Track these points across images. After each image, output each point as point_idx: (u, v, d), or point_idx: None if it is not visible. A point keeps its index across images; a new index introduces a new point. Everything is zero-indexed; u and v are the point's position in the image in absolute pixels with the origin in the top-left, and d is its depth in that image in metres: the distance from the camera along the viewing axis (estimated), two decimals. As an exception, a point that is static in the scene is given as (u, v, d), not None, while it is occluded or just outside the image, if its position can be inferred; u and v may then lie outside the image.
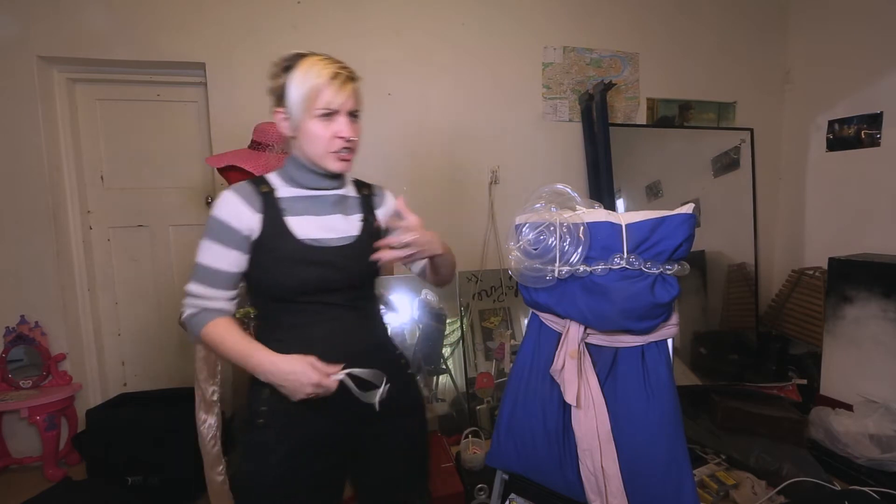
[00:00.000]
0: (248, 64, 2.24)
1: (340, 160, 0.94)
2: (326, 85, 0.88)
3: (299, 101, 0.89)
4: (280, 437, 0.91)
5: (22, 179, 2.12)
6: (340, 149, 0.92)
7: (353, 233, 0.98)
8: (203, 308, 0.91)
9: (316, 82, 0.88)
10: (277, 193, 0.95)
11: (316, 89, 0.88)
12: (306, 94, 0.88)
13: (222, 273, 0.91)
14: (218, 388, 1.60)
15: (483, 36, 2.52)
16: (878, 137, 2.48)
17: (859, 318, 2.17)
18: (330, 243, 0.94)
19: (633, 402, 1.01)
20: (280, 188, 0.96)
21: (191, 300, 0.92)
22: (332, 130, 0.90)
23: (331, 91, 0.88)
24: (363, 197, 1.05)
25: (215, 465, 1.61)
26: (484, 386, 2.32)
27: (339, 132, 0.91)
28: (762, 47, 2.92)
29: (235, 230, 0.90)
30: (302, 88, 0.88)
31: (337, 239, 0.96)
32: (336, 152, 0.92)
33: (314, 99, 0.88)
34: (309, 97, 0.88)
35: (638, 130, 2.74)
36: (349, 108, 0.91)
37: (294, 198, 0.96)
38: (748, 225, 2.86)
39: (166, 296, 2.44)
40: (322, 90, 0.88)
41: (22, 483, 2.05)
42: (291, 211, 0.94)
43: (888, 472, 1.85)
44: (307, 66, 0.89)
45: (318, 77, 0.88)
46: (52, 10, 2.08)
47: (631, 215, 1.02)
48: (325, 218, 0.97)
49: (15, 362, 2.18)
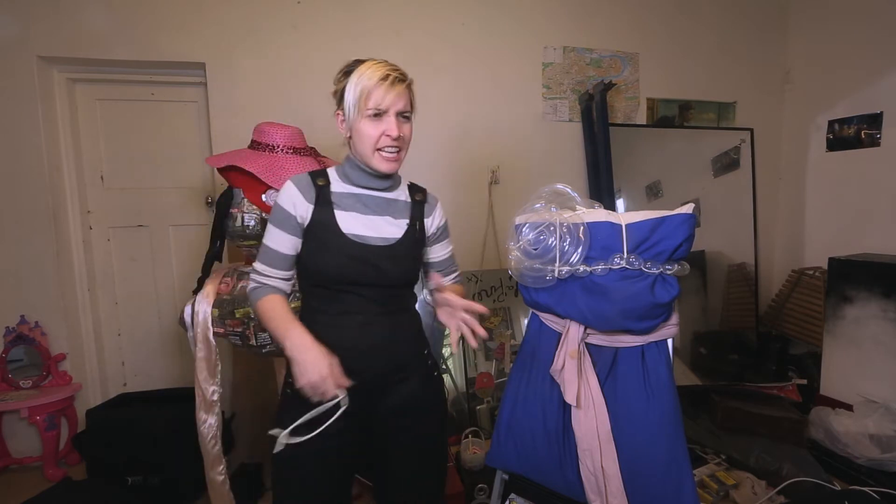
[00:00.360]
0: (248, 64, 2.24)
1: (387, 160, 0.99)
2: (377, 86, 0.93)
3: (353, 103, 0.95)
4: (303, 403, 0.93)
5: (22, 179, 2.12)
6: (386, 147, 0.97)
7: (397, 236, 1.03)
8: (263, 283, 1.01)
9: (367, 84, 0.94)
10: (332, 188, 1.02)
11: (367, 90, 0.94)
12: (359, 95, 0.94)
13: (279, 254, 1.00)
14: (218, 388, 1.60)
15: (483, 36, 2.52)
16: (878, 137, 2.48)
17: (859, 318, 2.17)
18: (371, 241, 1.00)
19: (633, 402, 1.01)
20: (335, 183, 1.03)
21: (254, 276, 1.02)
22: (380, 130, 0.96)
23: (380, 92, 0.94)
24: (415, 202, 1.10)
25: (215, 465, 1.61)
26: (484, 386, 2.32)
27: (386, 131, 0.96)
28: (762, 47, 2.92)
29: (291, 216, 0.98)
30: (356, 90, 0.94)
31: (379, 239, 1.01)
32: (382, 150, 0.97)
33: (365, 100, 0.94)
34: (361, 98, 0.94)
35: (638, 130, 2.74)
36: (398, 108, 0.96)
37: (346, 194, 1.02)
38: (748, 225, 2.86)
39: (166, 296, 2.44)
40: (373, 91, 0.94)
41: (22, 483, 2.05)
42: (341, 205, 1.00)
43: (888, 472, 1.85)
44: (362, 69, 0.95)
45: (369, 79, 0.94)
46: (52, 10, 2.08)
47: (631, 215, 1.02)
48: (372, 218, 1.02)
49: (15, 362, 2.18)
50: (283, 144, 1.59)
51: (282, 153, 1.59)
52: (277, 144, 1.59)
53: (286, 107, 2.23)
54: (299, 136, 1.64)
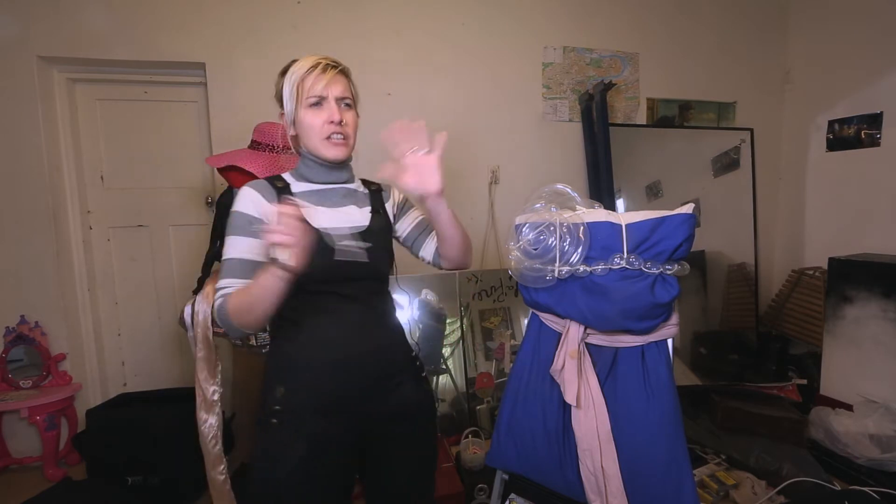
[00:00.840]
0: (248, 64, 2.24)
1: (334, 146, 0.97)
2: (308, 74, 0.94)
3: (289, 96, 0.95)
4: (293, 437, 0.92)
5: (22, 179, 2.12)
6: (332, 133, 0.95)
7: (365, 222, 1.02)
8: (225, 294, 0.89)
9: (300, 73, 0.94)
10: (292, 188, 1.00)
11: (300, 80, 0.94)
12: (294, 86, 0.94)
13: (247, 262, 0.91)
14: (218, 387, 1.60)
15: (483, 36, 2.52)
16: (878, 137, 2.48)
17: (859, 318, 2.17)
18: (343, 231, 0.98)
19: (633, 402, 1.01)
20: (294, 184, 1.01)
21: (219, 293, 0.90)
22: (322, 118, 0.95)
23: (312, 78, 0.94)
24: (372, 192, 1.09)
25: (216, 465, 1.61)
26: (484, 386, 2.32)
27: (329, 117, 0.95)
28: (762, 47, 2.92)
29: (255, 219, 0.93)
30: (290, 83, 0.95)
31: (349, 227, 0.99)
32: (329, 138, 0.96)
33: (299, 88, 0.94)
34: (295, 88, 0.94)
35: (638, 130, 2.74)
36: (336, 94, 0.95)
37: (307, 192, 1.00)
38: (748, 225, 2.86)
39: (166, 296, 2.44)
40: (305, 79, 0.94)
41: (22, 483, 2.05)
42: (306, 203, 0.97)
43: (888, 472, 1.85)
44: (295, 65, 0.96)
45: (301, 69, 0.94)
46: (52, 10, 2.08)
47: (631, 215, 1.02)
48: (339, 208, 1.01)
49: (15, 362, 2.18)
50: (284, 144, 1.59)
51: (282, 153, 1.59)
52: (277, 144, 1.59)
53: (286, 107, 2.23)
54: (299, 136, 1.64)
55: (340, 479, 0.99)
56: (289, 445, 0.91)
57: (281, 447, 0.92)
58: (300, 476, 0.91)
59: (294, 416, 0.93)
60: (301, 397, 0.93)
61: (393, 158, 0.96)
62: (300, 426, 0.92)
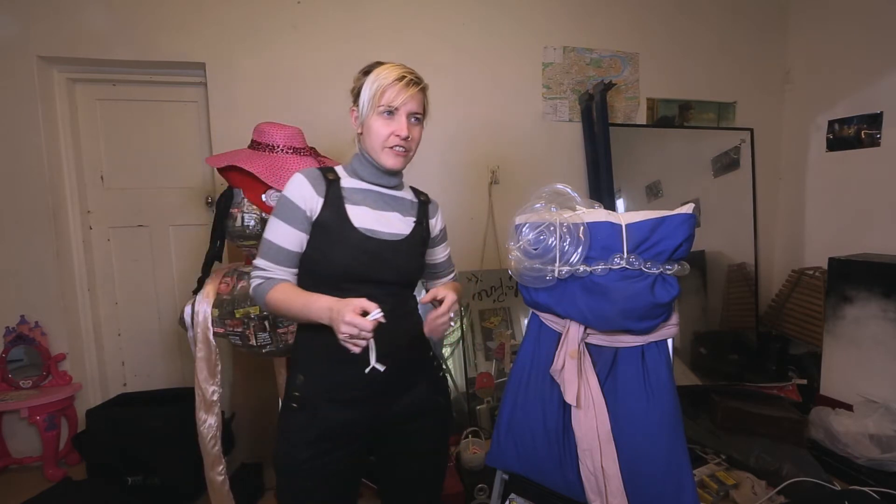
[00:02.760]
0: (248, 64, 2.24)
1: (395, 156, 1.00)
2: (391, 85, 0.96)
3: (367, 99, 0.98)
4: (310, 420, 0.97)
5: (22, 179, 2.12)
6: (395, 146, 0.99)
7: (405, 232, 1.05)
8: (268, 277, 0.98)
9: (383, 82, 0.96)
10: (342, 182, 1.02)
11: (382, 88, 0.96)
12: (373, 92, 0.97)
13: (284, 250, 0.97)
14: (218, 388, 1.60)
15: (483, 36, 2.52)
16: (878, 137, 2.48)
17: (859, 318, 2.17)
18: (382, 236, 1.01)
19: (633, 402, 1.01)
20: (344, 178, 1.03)
21: (256, 272, 0.99)
22: (390, 129, 0.98)
23: (394, 91, 0.96)
24: (420, 203, 1.13)
25: (215, 465, 1.61)
26: (484, 386, 2.32)
27: (396, 131, 0.98)
28: (762, 47, 2.92)
29: (300, 209, 0.97)
30: (371, 87, 0.97)
31: (389, 234, 1.02)
32: (391, 148, 0.99)
33: (379, 97, 0.97)
34: (375, 95, 0.97)
35: (638, 130, 2.74)
36: (410, 109, 0.99)
37: (356, 189, 1.03)
38: (748, 225, 2.86)
39: (166, 296, 2.44)
40: (387, 89, 0.96)
41: (22, 483, 2.05)
42: (351, 200, 1.01)
43: (888, 472, 1.86)
44: (381, 69, 0.98)
45: (385, 78, 0.97)
46: (52, 10, 2.08)
47: (631, 215, 1.02)
48: (383, 213, 1.04)
49: (15, 362, 2.18)
50: (283, 144, 1.59)
51: (282, 153, 1.59)
52: (277, 144, 1.59)
53: (286, 107, 2.23)
54: (299, 136, 1.64)
55: (348, 470, 1.02)
56: (304, 429, 0.97)
57: (298, 430, 0.97)
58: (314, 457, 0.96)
59: (311, 402, 0.98)
60: (317, 387, 0.98)
61: None
62: (315, 412, 0.97)
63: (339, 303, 0.85)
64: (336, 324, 0.83)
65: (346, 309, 0.82)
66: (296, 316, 0.94)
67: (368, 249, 0.97)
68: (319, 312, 0.88)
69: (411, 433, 1.06)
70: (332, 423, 0.97)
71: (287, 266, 0.99)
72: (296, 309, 0.92)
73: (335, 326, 0.84)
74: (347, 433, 0.99)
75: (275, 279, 0.97)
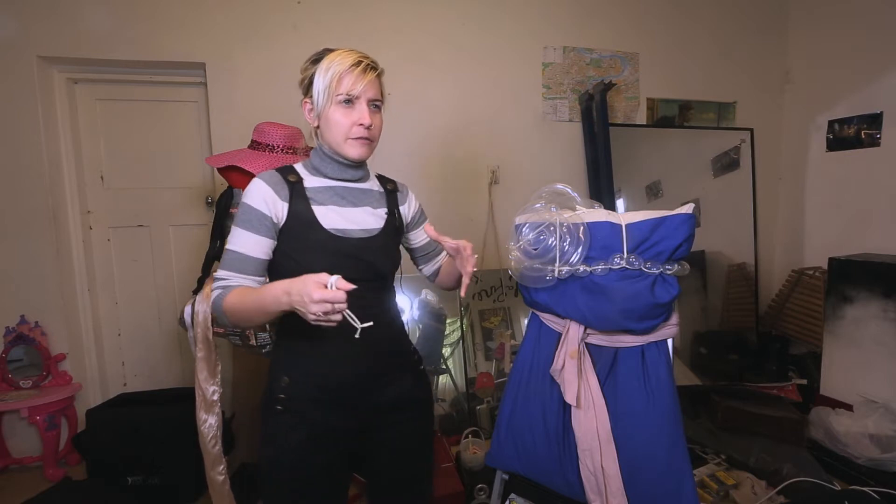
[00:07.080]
0: (248, 64, 2.24)
1: (360, 146, 0.96)
2: (348, 72, 0.91)
3: (323, 89, 0.92)
4: (296, 423, 0.95)
5: (22, 179, 2.12)
6: (359, 136, 0.94)
7: (378, 226, 1.02)
8: (225, 286, 0.90)
9: (338, 69, 0.91)
10: (305, 183, 0.97)
11: (338, 76, 0.91)
12: (329, 80, 0.91)
13: (249, 259, 0.92)
14: (218, 387, 1.60)
15: (483, 36, 2.52)
16: (878, 137, 2.48)
17: (859, 318, 2.17)
18: (354, 234, 0.97)
19: (633, 402, 1.01)
20: (307, 178, 0.99)
21: (217, 283, 0.91)
22: (352, 118, 0.93)
23: (352, 78, 0.91)
24: (388, 192, 1.08)
25: (216, 465, 1.61)
26: (484, 386, 2.32)
27: (358, 120, 0.93)
28: (762, 47, 2.92)
29: (265, 216, 0.92)
30: (326, 76, 0.92)
31: (361, 230, 0.99)
32: (355, 139, 0.95)
33: (336, 85, 0.91)
34: (331, 84, 0.91)
35: (638, 130, 2.74)
36: (369, 96, 0.94)
37: (320, 188, 0.98)
38: (748, 225, 2.86)
39: (166, 296, 2.44)
40: (344, 76, 0.91)
41: (22, 483, 2.05)
42: (317, 200, 0.97)
43: (888, 472, 1.85)
44: (333, 56, 0.93)
45: (340, 64, 0.91)
46: (52, 10, 2.08)
47: (631, 215, 1.02)
48: (351, 210, 1.00)
49: (15, 362, 2.18)
50: (283, 144, 1.59)
51: (281, 153, 1.59)
52: (277, 144, 1.59)
53: (286, 107, 2.22)
54: (299, 136, 1.65)
55: (337, 470, 1.00)
56: (291, 431, 0.94)
57: (284, 432, 0.95)
58: (300, 460, 0.94)
59: (297, 404, 0.95)
60: (304, 387, 0.95)
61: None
62: (303, 414, 0.95)
63: (296, 283, 0.76)
64: (303, 306, 0.75)
65: (310, 287, 0.74)
66: (254, 315, 0.85)
67: (342, 250, 0.94)
68: (277, 300, 0.79)
69: (395, 425, 1.04)
70: (319, 424, 0.95)
71: (252, 275, 0.91)
72: (251, 306, 0.84)
73: (303, 309, 0.75)
74: (334, 433, 0.97)
75: (231, 286, 0.89)
